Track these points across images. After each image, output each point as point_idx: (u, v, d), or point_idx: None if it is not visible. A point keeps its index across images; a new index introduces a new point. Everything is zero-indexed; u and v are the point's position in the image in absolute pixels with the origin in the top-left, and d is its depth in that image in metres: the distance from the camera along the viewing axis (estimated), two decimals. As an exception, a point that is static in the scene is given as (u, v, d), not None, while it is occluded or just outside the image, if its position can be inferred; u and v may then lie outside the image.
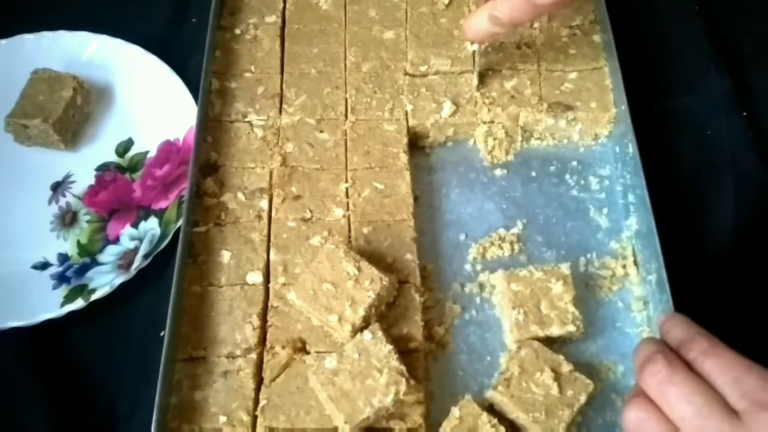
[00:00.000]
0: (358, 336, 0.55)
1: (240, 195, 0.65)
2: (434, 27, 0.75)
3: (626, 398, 0.44)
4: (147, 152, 0.73)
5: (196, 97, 0.70)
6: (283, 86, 0.72)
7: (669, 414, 0.41)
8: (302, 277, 0.58)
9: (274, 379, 0.56)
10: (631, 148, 0.66)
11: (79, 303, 0.62)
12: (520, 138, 0.71)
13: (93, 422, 0.59)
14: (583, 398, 0.54)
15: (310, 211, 0.64)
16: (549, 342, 0.58)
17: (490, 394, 0.56)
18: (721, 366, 0.41)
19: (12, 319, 0.61)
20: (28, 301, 0.62)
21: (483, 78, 0.71)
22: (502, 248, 0.65)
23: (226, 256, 0.62)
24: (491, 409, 0.56)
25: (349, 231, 0.63)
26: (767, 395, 0.38)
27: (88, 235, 0.68)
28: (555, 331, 0.58)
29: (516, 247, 0.65)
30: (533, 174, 0.70)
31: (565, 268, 0.60)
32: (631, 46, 0.73)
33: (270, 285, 0.60)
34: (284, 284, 0.60)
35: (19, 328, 0.61)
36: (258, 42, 0.75)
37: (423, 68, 0.73)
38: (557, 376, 0.55)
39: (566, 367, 0.56)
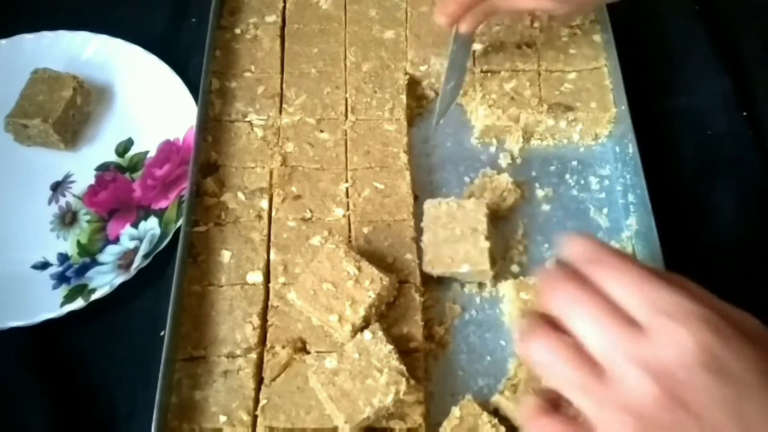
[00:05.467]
0: (358, 336, 0.55)
1: (240, 195, 0.65)
2: (434, 27, 0.75)
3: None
4: (147, 152, 0.73)
5: (196, 97, 0.70)
6: (283, 86, 0.72)
7: (571, 331, 0.38)
8: (302, 277, 0.58)
9: (274, 379, 0.56)
10: (631, 148, 0.66)
11: (79, 303, 0.62)
12: (520, 139, 0.71)
13: (93, 422, 0.59)
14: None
15: (310, 211, 0.64)
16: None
17: (495, 398, 0.56)
18: (622, 279, 0.38)
19: (12, 319, 0.61)
20: (28, 301, 0.62)
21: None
22: (502, 248, 0.65)
23: (226, 255, 0.62)
24: (496, 414, 0.55)
25: (349, 231, 0.63)
26: (668, 303, 0.36)
27: (88, 234, 0.68)
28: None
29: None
30: (533, 174, 0.70)
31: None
32: (631, 46, 0.73)
33: (270, 285, 0.60)
34: (284, 284, 0.60)
35: (19, 328, 0.61)
36: (258, 42, 0.75)
37: (423, 68, 0.73)
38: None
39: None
